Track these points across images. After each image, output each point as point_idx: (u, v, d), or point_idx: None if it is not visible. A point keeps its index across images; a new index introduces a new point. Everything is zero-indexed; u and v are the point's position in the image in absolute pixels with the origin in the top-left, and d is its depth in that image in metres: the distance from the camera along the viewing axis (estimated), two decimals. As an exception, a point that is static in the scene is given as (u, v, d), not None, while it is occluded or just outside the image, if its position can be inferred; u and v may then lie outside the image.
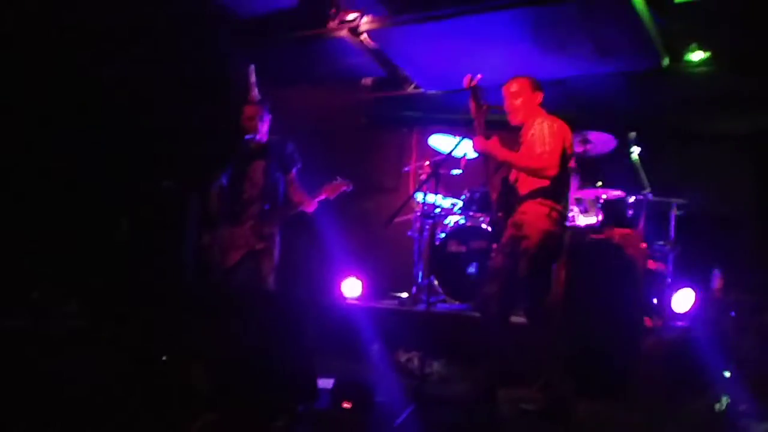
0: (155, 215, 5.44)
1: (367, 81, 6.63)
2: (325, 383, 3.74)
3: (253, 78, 4.68)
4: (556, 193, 3.69)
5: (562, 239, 3.78)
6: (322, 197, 4.65)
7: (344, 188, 4.69)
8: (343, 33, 5.59)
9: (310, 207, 4.64)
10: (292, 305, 4.08)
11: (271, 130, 4.76)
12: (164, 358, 3.48)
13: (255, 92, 4.65)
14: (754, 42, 4.94)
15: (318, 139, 7.46)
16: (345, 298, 5.82)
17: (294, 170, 4.75)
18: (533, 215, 3.65)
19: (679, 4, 4.57)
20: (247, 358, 3.59)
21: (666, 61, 5.10)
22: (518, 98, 3.84)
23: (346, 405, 3.58)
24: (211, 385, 3.36)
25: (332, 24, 5.56)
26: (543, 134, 3.63)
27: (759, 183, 5.43)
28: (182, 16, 5.39)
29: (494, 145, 3.73)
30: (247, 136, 4.60)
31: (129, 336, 3.97)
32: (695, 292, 5.22)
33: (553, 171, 3.57)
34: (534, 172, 3.63)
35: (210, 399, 3.26)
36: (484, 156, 3.90)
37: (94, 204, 5.51)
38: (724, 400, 4.08)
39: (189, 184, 4.99)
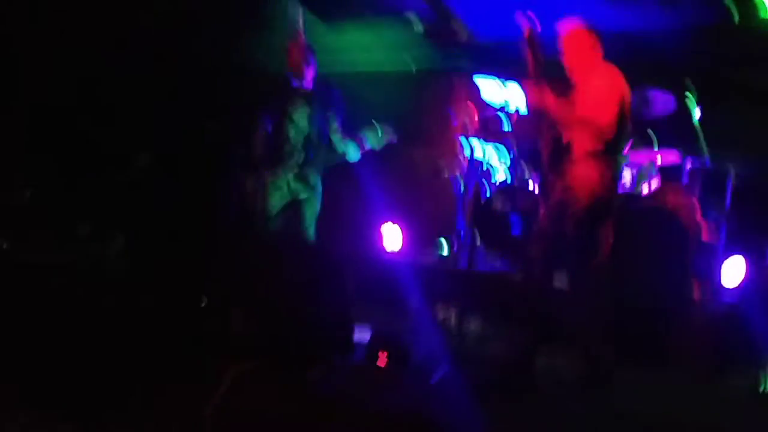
0: (198, 157, 5.44)
1: (419, 26, 6.42)
2: (363, 336, 3.73)
3: (300, 19, 4.56)
4: (610, 156, 3.54)
5: (611, 204, 3.65)
6: (367, 148, 4.57)
7: (390, 140, 4.61)
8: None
9: (354, 156, 4.57)
10: (333, 256, 4.04)
11: (323, 74, 4.66)
12: (203, 302, 3.50)
13: (302, 34, 4.53)
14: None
15: (365, 84, 7.37)
16: (386, 250, 5.78)
17: (339, 118, 4.67)
18: (584, 179, 3.52)
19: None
20: (285, 307, 3.59)
21: (736, 17, 4.79)
22: (578, 51, 3.67)
23: (382, 360, 3.56)
24: (249, 332, 3.37)
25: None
26: (601, 92, 3.46)
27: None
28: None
29: (550, 99, 3.57)
30: (294, 82, 4.52)
31: (171, 278, 4.01)
32: (747, 263, 5.01)
33: (611, 131, 3.42)
34: (592, 131, 3.47)
35: (247, 346, 3.28)
36: (537, 112, 3.73)
37: (137, 142, 5.53)
38: (769, 380, 3.95)
39: (233, 126, 4.93)
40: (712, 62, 5.52)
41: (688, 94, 5.06)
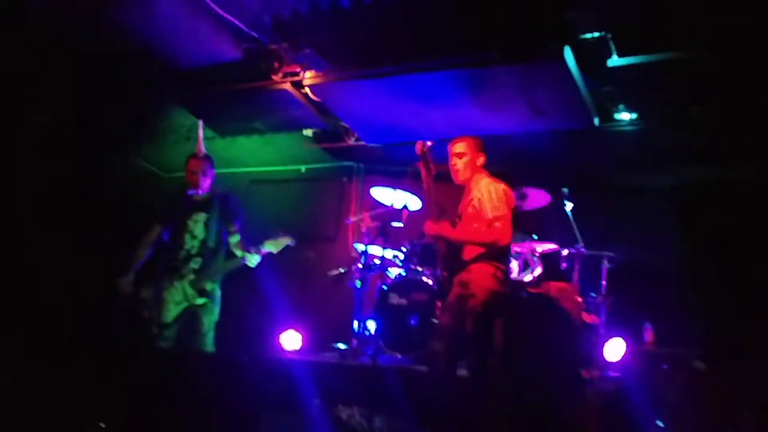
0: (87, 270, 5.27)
1: (309, 132, 6.68)
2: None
3: (201, 132, 4.66)
4: (500, 253, 3.79)
5: (506, 297, 3.87)
6: (265, 252, 4.62)
7: (288, 244, 4.69)
8: (287, 86, 5.63)
9: (253, 262, 4.61)
10: (233, 365, 3.99)
11: (219, 182, 4.74)
12: (102, 425, 3.33)
13: (201, 146, 4.63)
14: (677, 103, 5.27)
15: (259, 188, 7.51)
16: (285, 352, 5.73)
17: (237, 224, 4.72)
18: (479, 274, 3.73)
19: (610, 68, 4.83)
20: (187, 421, 3.49)
21: (597, 121, 5.35)
22: (463, 158, 3.95)
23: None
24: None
25: (276, 77, 5.60)
26: (491, 198, 3.73)
27: (683, 236, 5.72)
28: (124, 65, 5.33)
29: (446, 228, 3.82)
30: (190, 191, 4.56)
31: (59, 398, 3.78)
32: (626, 342, 5.41)
33: (506, 239, 3.68)
34: (489, 245, 3.71)
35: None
36: (436, 238, 3.95)
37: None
38: (658, 451, 4.20)
39: (128, 237, 4.85)
40: (580, 161, 6.11)
41: (561, 190, 5.53)
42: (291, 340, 5.82)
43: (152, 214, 4.67)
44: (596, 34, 4.62)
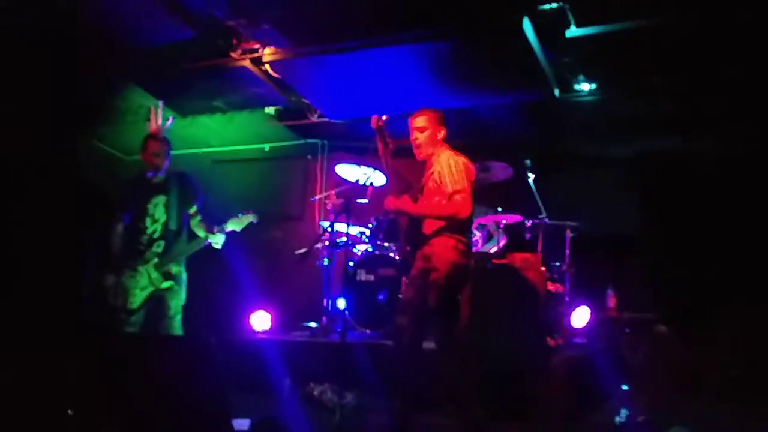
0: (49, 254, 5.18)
1: (271, 110, 6.62)
2: (241, 424, 3.67)
3: (157, 113, 4.58)
4: (462, 225, 3.80)
5: (468, 269, 3.90)
6: (229, 231, 4.59)
7: (251, 221, 4.66)
8: (246, 63, 5.56)
9: (217, 242, 4.57)
10: (201, 347, 3.97)
11: (176, 163, 4.67)
12: (70, 411, 3.30)
13: (158, 127, 4.55)
14: (635, 73, 5.32)
15: (222, 169, 7.44)
16: (255, 332, 5.73)
17: (197, 204, 4.68)
18: (441, 247, 3.75)
19: (569, 39, 4.85)
20: (157, 405, 3.48)
21: (557, 92, 5.39)
22: (423, 132, 3.93)
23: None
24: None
25: (234, 54, 5.52)
26: (451, 172, 3.72)
27: (644, 204, 5.82)
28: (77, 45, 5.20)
29: (406, 203, 3.81)
30: (149, 173, 4.49)
31: (27, 386, 3.74)
32: (591, 309, 5.53)
33: (466, 212, 3.68)
34: (449, 218, 3.73)
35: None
36: (397, 213, 3.94)
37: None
38: (624, 413, 4.32)
39: (88, 222, 4.78)
40: (541, 132, 6.15)
41: (523, 162, 5.58)
42: (261, 320, 5.82)
43: (112, 199, 4.58)
44: (554, 5, 4.63)
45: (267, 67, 5.55)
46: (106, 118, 6.37)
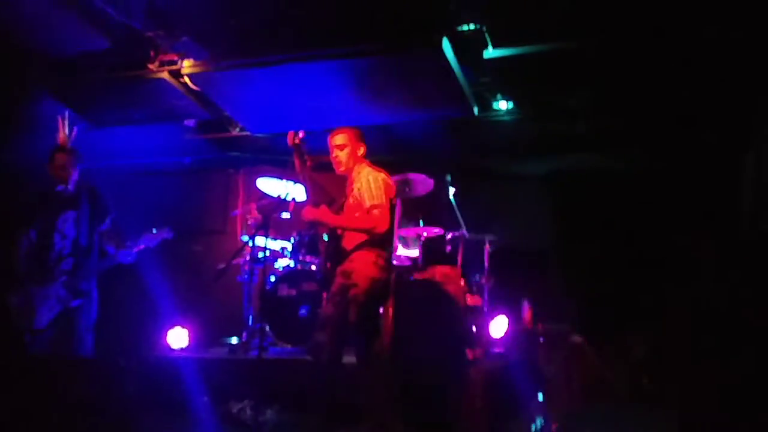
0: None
1: (191, 122, 6.49)
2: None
3: (64, 124, 4.42)
4: (382, 240, 3.85)
5: (388, 284, 3.94)
6: (141, 248, 4.48)
7: (165, 236, 4.56)
8: (164, 75, 5.43)
9: (127, 258, 4.45)
10: (110, 369, 3.85)
11: (87, 177, 4.52)
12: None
13: (66, 139, 4.39)
14: (551, 93, 5.53)
15: (141, 182, 7.23)
16: (171, 350, 5.58)
17: (108, 220, 4.54)
18: (361, 263, 3.78)
19: (487, 60, 4.99)
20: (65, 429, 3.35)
21: (476, 110, 5.52)
22: (343, 149, 3.97)
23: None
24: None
25: (152, 66, 5.39)
26: (370, 188, 3.78)
27: (557, 219, 6.04)
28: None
29: (324, 214, 3.82)
30: (59, 187, 4.33)
31: None
32: (508, 319, 5.67)
33: (383, 226, 3.73)
34: (366, 232, 3.76)
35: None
36: (315, 223, 3.95)
37: None
38: (539, 422, 4.45)
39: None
40: (462, 148, 6.29)
41: (444, 176, 5.69)
42: (178, 337, 5.66)
43: (16, 213, 4.39)
44: (472, 26, 4.76)
45: (186, 79, 5.44)
46: (11, 127, 6.09)
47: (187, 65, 5.31)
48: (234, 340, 5.79)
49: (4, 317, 4.21)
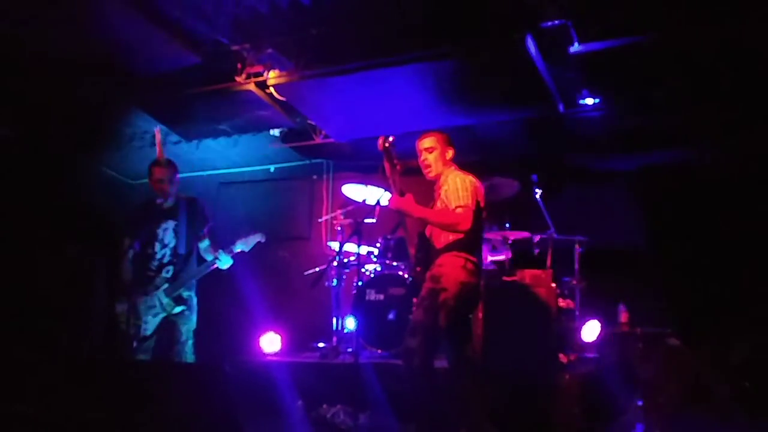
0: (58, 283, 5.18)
1: (276, 132, 6.66)
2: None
3: (159, 139, 4.60)
4: (471, 245, 3.81)
5: (478, 289, 3.90)
6: (237, 252, 4.60)
7: (259, 240, 4.67)
8: (250, 86, 5.59)
9: (225, 262, 4.58)
10: (214, 374, 3.96)
11: (185, 187, 4.70)
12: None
13: (162, 153, 4.57)
14: (637, 88, 5.35)
15: (229, 190, 7.47)
16: (265, 354, 5.72)
17: (205, 229, 4.70)
18: (450, 267, 3.75)
19: (572, 55, 4.88)
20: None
21: (561, 107, 5.41)
22: (432, 152, 3.96)
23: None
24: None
25: (239, 78, 5.56)
26: (457, 189, 3.75)
27: (650, 217, 5.82)
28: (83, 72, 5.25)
29: (409, 203, 3.82)
30: (159, 199, 4.51)
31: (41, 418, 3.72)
32: (601, 323, 5.51)
33: (465, 225, 3.69)
34: (448, 227, 3.74)
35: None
36: (400, 213, 3.95)
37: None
38: (639, 428, 4.30)
39: (97, 249, 4.79)
40: (547, 147, 6.17)
41: (530, 177, 5.59)
42: (270, 342, 5.81)
43: (120, 225, 4.60)
44: (557, 23, 4.67)
45: (272, 90, 5.58)
46: (113, 144, 6.42)
47: (272, 76, 5.45)
48: (323, 345, 5.88)
49: (112, 325, 4.41)
